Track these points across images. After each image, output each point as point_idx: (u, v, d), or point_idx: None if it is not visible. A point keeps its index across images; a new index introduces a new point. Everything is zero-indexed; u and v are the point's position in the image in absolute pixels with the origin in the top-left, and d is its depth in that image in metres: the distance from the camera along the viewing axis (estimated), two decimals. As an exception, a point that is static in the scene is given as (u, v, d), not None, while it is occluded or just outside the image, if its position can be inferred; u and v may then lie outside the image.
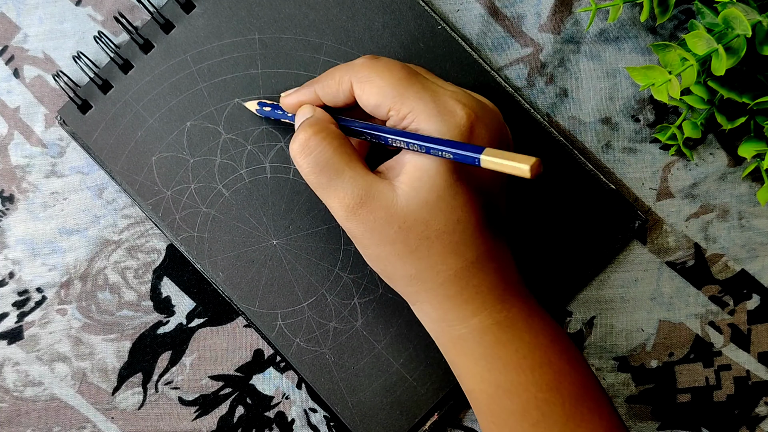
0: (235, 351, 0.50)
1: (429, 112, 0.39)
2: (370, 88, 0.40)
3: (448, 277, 0.40)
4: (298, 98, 0.44)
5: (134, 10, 0.50)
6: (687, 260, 0.50)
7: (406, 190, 0.39)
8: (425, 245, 0.39)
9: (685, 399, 0.50)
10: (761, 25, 0.41)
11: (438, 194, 0.39)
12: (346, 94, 0.42)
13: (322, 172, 0.40)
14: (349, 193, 0.40)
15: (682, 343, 0.50)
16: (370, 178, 0.40)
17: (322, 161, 0.40)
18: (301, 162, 0.40)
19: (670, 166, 0.50)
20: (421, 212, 0.39)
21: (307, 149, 0.40)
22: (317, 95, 0.43)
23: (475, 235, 0.40)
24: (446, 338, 0.42)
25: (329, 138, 0.40)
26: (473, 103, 0.40)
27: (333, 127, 0.41)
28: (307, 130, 0.41)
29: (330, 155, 0.40)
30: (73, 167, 0.50)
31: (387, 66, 0.41)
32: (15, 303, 0.50)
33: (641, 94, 0.50)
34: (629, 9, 0.50)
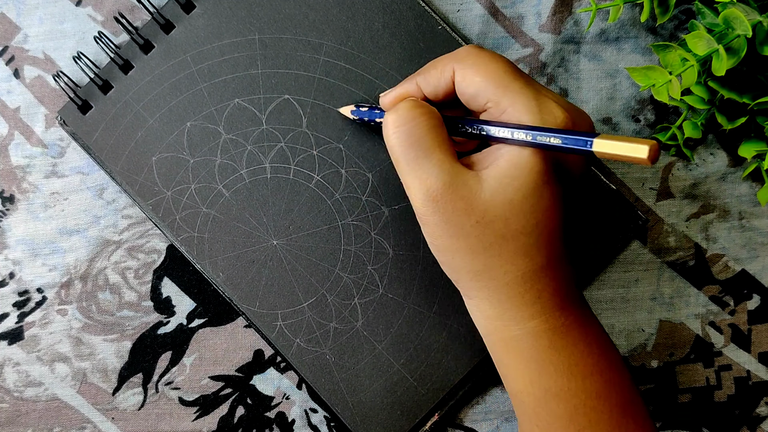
0: (235, 351, 0.50)
1: (530, 108, 0.38)
2: (473, 75, 0.39)
3: (514, 278, 0.39)
4: (398, 92, 0.43)
5: (134, 10, 0.50)
6: (687, 260, 0.50)
7: (493, 184, 0.38)
8: (499, 243, 0.39)
9: (686, 399, 0.50)
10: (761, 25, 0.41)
11: (524, 194, 0.38)
12: (447, 82, 0.40)
13: (411, 146, 0.39)
14: (434, 176, 0.38)
15: (682, 343, 0.50)
16: (458, 167, 0.39)
17: (415, 136, 0.39)
18: (393, 131, 0.40)
19: (670, 166, 0.50)
20: (503, 209, 0.38)
21: (402, 119, 0.39)
22: (418, 87, 0.42)
23: (549, 240, 0.39)
24: (498, 337, 0.41)
25: (427, 116, 0.40)
26: (571, 108, 0.39)
27: (434, 108, 0.41)
28: (407, 103, 0.40)
29: (424, 132, 0.39)
30: (74, 167, 0.50)
31: (492, 57, 0.40)
32: (15, 303, 0.50)
33: (641, 95, 0.50)
34: (629, 9, 0.50)
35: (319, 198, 0.49)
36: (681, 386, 0.50)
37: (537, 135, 0.37)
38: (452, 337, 0.48)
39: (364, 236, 0.48)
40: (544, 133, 0.37)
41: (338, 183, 0.49)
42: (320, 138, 0.49)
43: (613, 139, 0.35)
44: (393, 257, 0.48)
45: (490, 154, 0.40)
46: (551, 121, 0.38)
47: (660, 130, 0.49)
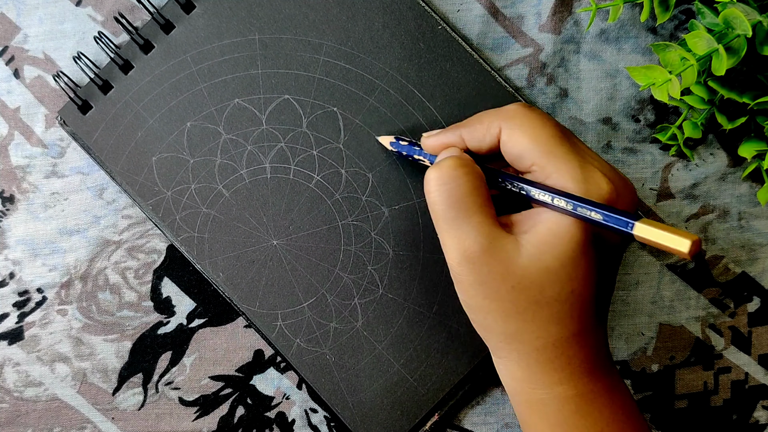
0: (235, 351, 0.50)
1: (575, 176, 0.38)
2: (519, 136, 0.39)
3: (545, 343, 0.39)
4: (441, 140, 0.43)
5: (134, 10, 0.50)
6: (687, 263, 0.50)
7: (531, 250, 0.38)
8: (533, 309, 0.38)
9: (683, 405, 0.50)
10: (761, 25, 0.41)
11: (562, 262, 0.38)
12: (492, 139, 0.40)
13: (452, 206, 0.39)
14: (472, 238, 0.38)
15: (683, 346, 0.50)
16: (497, 230, 0.38)
17: (456, 196, 0.39)
18: (434, 190, 0.39)
19: (670, 166, 0.50)
20: (539, 276, 0.38)
21: (445, 178, 0.39)
22: (462, 138, 0.42)
23: (583, 308, 0.39)
24: (524, 398, 0.41)
25: (470, 175, 0.39)
26: (617, 179, 0.39)
27: (478, 168, 0.40)
28: (451, 161, 0.40)
29: (466, 192, 0.39)
30: (74, 167, 0.50)
31: (540, 118, 0.39)
32: (15, 303, 0.50)
33: (641, 95, 0.50)
34: (629, 9, 0.50)
35: (319, 198, 0.49)
36: (678, 392, 0.50)
37: (578, 206, 0.37)
38: (452, 337, 0.48)
39: (364, 236, 0.48)
40: (586, 206, 0.37)
41: (338, 183, 0.49)
42: (320, 138, 0.49)
43: (655, 226, 0.35)
44: (393, 257, 0.48)
45: (530, 218, 0.39)
46: (595, 192, 0.38)
47: (660, 129, 0.49)
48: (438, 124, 0.48)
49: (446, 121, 0.49)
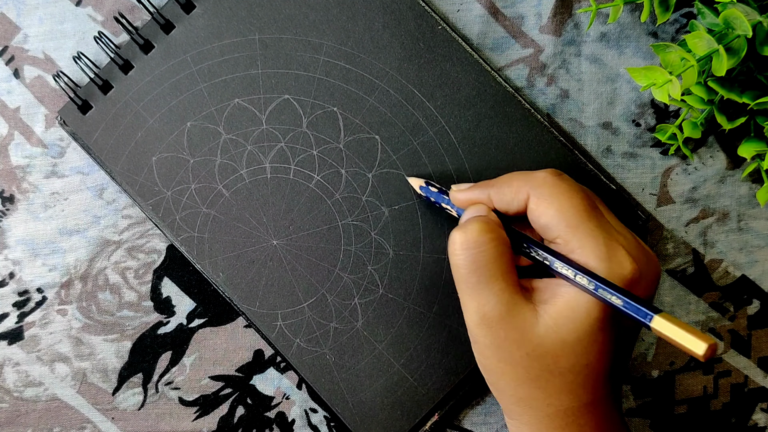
0: (235, 351, 0.50)
1: (599, 254, 0.38)
2: (546, 207, 0.39)
3: (557, 411, 0.39)
4: (470, 196, 0.43)
5: (134, 10, 0.50)
6: (687, 267, 0.50)
7: (548, 321, 0.38)
8: (546, 377, 0.39)
9: (683, 410, 0.50)
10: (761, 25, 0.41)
11: (578, 336, 0.38)
12: (520, 204, 0.41)
13: (475, 271, 0.39)
14: (492, 304, 0.39)
15: (682, 352, 0.50)
16: (518, 298, 0.39)
17: (481, 262, 0.39)
18: (459, 253, 0.40)
19: (669, 171, 0.50)
20: (555, 347, 0.38)
21: (470, 243, 0.39)
22: (490, 198, 0.42)
23: (597, 380, 0.39)
24: None
25: (496, 242, 0.40)
26: (641, 256, 0.39)
27: (503, 233, 0.40)
28: (477, 225, 0.40)
29: (491, 259, 0.39)
30: (74, 167, 0.50)
31: (569, 190, 0.40)
32: (15, 303, 0.50)
33: (642, 99, 0.50)
34: (630, 14, 0.50)
35: (319, 198, 0.49)
36: (678, 397, 0.50)
37: (599, 287, 0.37)
38: (452, 338, 0.48)
39: (364, 236, 0.48)
40: (607, 289, 0.37)
41: (338, 183, 0.49)
42: (320, 138, 0.49)
43: (673, 323, 0.35)
44: (393, 257, 0.48)
45: (550, 288, 0.40)
46: (618, 272, 0.38)
47: (659, 129, 0.49)
48: (438, 124, 0.48)
49: (446, 120, 0.49)
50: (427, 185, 0.47)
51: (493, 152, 0.49)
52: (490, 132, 0.49)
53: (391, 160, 0.49)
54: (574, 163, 0.49)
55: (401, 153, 0.49)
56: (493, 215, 0.42)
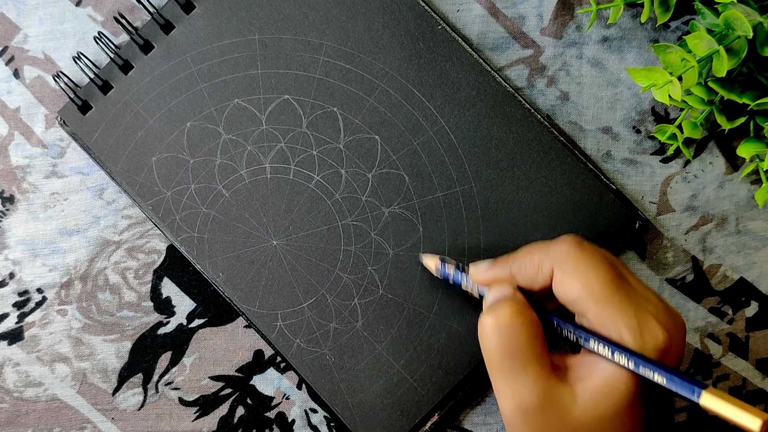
0: (235, 351, 0.50)
1: (631, 328, 0.37)
2: (572, 282, 0.39)
3: None
4: (491, 276, 0.42)
5: (134, 10, 0.50)
6: (686, 275, 0.50)
7: (586, 400, 0.38)
8: None
9: (682, 418, 0.50)
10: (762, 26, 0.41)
11: (616, 413, 0.37)
12: (545, 279, 0.40)
13: (508, 356, 0.38)
14: (528, 392, 0.38)
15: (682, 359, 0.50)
16: (554, 381, 0.38)
17: (514, 347, 0.38)
18: (490, 338, 0.39)
19: (669, 179, 0.50)
20: (593, 426, 0.38)
21: (502, 328, 0.38)
22: (512, 275, 0.41)
23: None
24: None
25: (527, 324, 0.39)
26: (669, 322, 0.38)
27: (534, 314, 0.39)
28: (507, 308, 0.39)
29: (523, 343, 0.38)
30: (74, 168, 0.50)
31: (593, 261, 0.39)
32: (15, 303, 0.50)
33: (642, 105, 0.50)
34: (632, 19, 0.50)
35: (319, 198, 0.49)
36: (678, 405, 0.50)
37: (641, 366, 0.37)
38: (452, 338, 0.48)
39: (363, 237, 0.48)
40: (649, 366, 0.37)
41: (338, 183, 0.49)
42: (320, 138, 0.49)
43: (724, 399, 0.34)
44: (393, 258, 0.48)
45: (585, 365, 0.39)
46: (651, 344, 0.37)
47: (659, 129, 0.49)
48: (438, 124, 0.48)
49: (446, 120, 0.49)
50: (442, 263, 0.46)
51: (492, 152, 0.49)
52: (490, 132, 0.49)
53: (390, 160, 0.49)
54: (574, 163, 0.49)
55: (401, 153, 0.49)
56: (519, 294, 0.41)
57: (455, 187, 0.49)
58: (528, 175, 0.49)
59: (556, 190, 0.49)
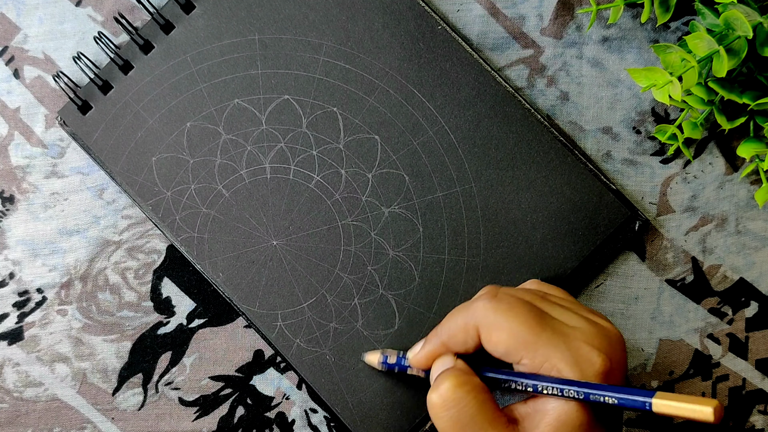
0: (235, 351, 0.50)
1: (566, 360, 0.38)
2: (498, 335, 0.39)
3: None
4: (427, 353, 0.42)
5: (134, 10, 0.50)
6: (686, 276, 0.50)
7: None
8: None
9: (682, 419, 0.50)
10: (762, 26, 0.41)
11: None
12: (475, 340, 0.40)
13: (462, 429, 0.38)
14: None
15: (681, 360, 0.50)
16: None
17: (465, 418, 0.38)
18: (441, 415, 0.39)
19: (669, 180, 0.50)
20: None
21: (449, 403, 0.39)
22: (446, 346, 0.41)
23: None
24: None
25: (473, 392, 0.39)
26: (605, 344, 0.39)
27: (476, 379, 0.40)
28: (449, 381, 0.39)
29: (474, 412, 0.38)
30: (74, 168, 0.50)
31: (512, 310, 0.39)
32: (15, 304, 0.50)
33: (642, 106, 0.50)
34: (632, 19, 0.50)
35: (319, 198, 0.49)
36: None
37: (590, 393, 0.37)
38: (452, 338, 0.48)
39: (363, 236, 0.48)
40: (599, 392, 0.37)
41: (338, 183, 0.49)
42: (320, 138, 0.49)
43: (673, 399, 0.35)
44: (393, 258, 0.48)
45: (537, 410, 0.39)
46: (590, 370, 0.38)
47: (659, 129, 0.49)
48: (437, 125, 0.48)
49: (446, 120, 0.49)
50: (384, 357, 0.46)
51: (492, 152, 0.49)
52: (490, 132, 0.49)
53: (391, 160, 0.49)
54: (574, 163, 0.49)
55: (401, 153, 0.49)
56: (461, 363, 0.41)
57: (455, 187, 0.49)
58: (528, 175, 0.49)
59: (556, 190, 0.49)
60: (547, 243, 0.49)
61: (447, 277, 0.48)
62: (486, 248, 0.49)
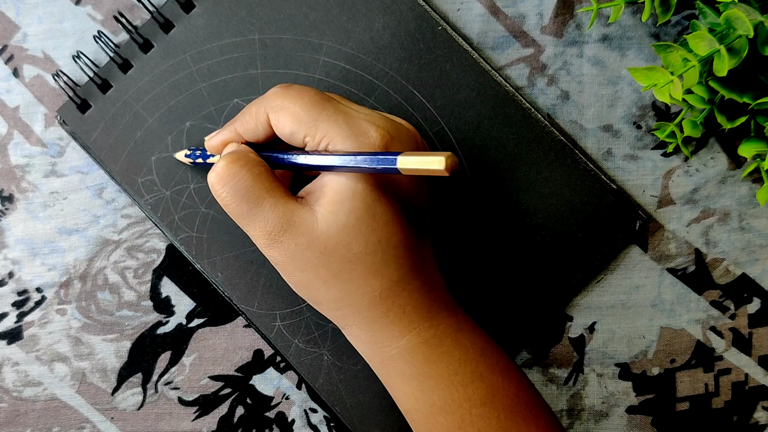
0: (235, 351, 0.50)
1: (343, 134, 0.39)
2: (284, 116, 0.40)
3: (372, 298, 0.40)
4: (220, 138, 0.43)
5: (134, 9, 0.50)
6: (688, 266, 0.50)
7: (325, 214, 0.39)
8: (347, 268, 0.39)
9: (684, 407, 0.50)
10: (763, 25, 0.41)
11: (357, 216, 0.39)
12: (264, 126, 0.41)
13: (242, 200, 0.40)
14: (270, 221, 0.39)
15: (683, 349, 0.50)
16: (291, 205, 0.39)
17: (242, 189, 0.40)
18: (219, 191, 0.40)
19: (671, 173, 0.50)
20: (341, 236, 0.39)
21: (225, 178, 0.40)
22: (237, 133, 0.42)
23: (397, 255, 0.40)
24: (378, 360, 0.42)
25: (248, 166, 0.40)
26: (387, 124, 0.40)
27: (253, 155, 0.41)
28: (225, 160, 0.40)
29: (250, 183, 0.40)
30: (73, 167, 0.50)
31: (299, 92, 0.40)
32: (14, 303, 0.50)
33: (643, 101, 0.50)
34: (632, 16, 0.49)
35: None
36: (679, 394, 0.50)
37: (345, 160, 0.38)
38: (452, 338, 0.48)
39: (363, 237, 0.48)
40: (351, 157, 0.37)
41: (338, 183, 0.48)
42: (320, 138, 0.49)
43: (413, 155, 0.35)
44: (392, 258, 0.48)
45: (317, 187, 0.40)
46: (366, 142, 0.39)
47: (658, 126, 0.49)
48: (437, 125, 0.48)
49: (446, 121, 0.48)
50: (192, 152, 0.47)
51: (493, 153, 0.49)
52: (490, 133, 0.49)
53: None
54: (574, 164, 0.48)
55: (401, 153, 0.49)
56: (243, 146, 0.42)
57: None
58: (528, 176, 0.49)
59: (556, 191, 0.49)
60: (547, 244, 0.48)
61: (446, 277, 0.48)
62: (486, 249, 0.48)
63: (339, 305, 0.41)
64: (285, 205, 0.39)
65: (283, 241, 0.39)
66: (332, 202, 0.39)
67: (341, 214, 0.39)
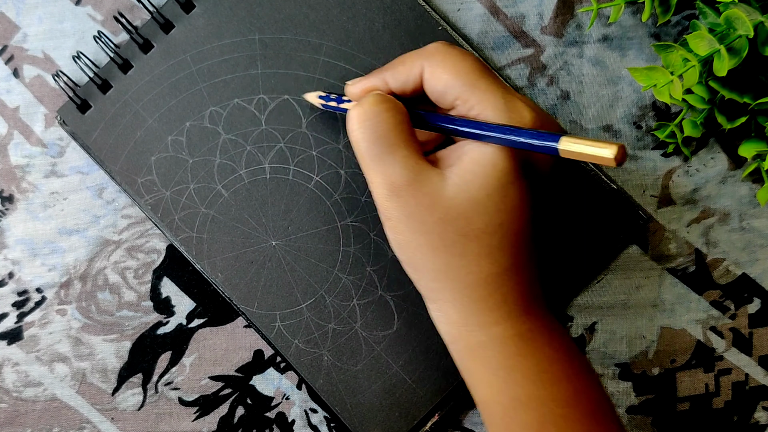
0: (235, 351, 0.50)
1: (498, 106, 0.38)
2: (441, 72, 0.39)
3: (477, 280, 0.38)
4: (365, 85, 0.42)
5: (134, 9, 0.50)
6: (688, 266, 0.50)
7: (456, 181, 0.38)
8: (461, 242, 0.38)
9: (685, 407, 0.50)
10: (763, 25, 0.41)
11: (488, 193, 0.37)
12: (416, 79, 0.40)
13: (376, 142, 0.38)
14: (398, 172, 0.38)
15: (684, 349, 0.50)
16: (423, 163, 0.38)
17: (380, 132, 0.38)
18: (356, 128, 0.39)
19: (671, 173, 0.50)
20: (466, 207, 0.37)
21: (367, 115, 0.39)
22: (386, 81, 0.41)
23: (514, 242, 0.38)
24: (463, 344, 0.40)
25: (393, 111, 0.39)
26: (540, 111, 0.39)
27: (399, 104, 0.40)
28: (371, 98, 0.39)
29: (389, 128, 0.39)
30: (73, 167, 0.50)
31: (461, 54, 0.39)
32: (14, 303, 0.50)
33: (643, 101, 0.50)
34: (632, 16, 0.49)
35: (319, 199, 0.48)
36: (680, 395, 0.50)
37: (503, 132, 0.37)
38: (452, 338, 0.48)
39: (363, 237, 0.48)
40: (510, 130, 0.36)
41: (337, 184, 0.48)
42: (320, 138, 0.49)
43: (580, 139, 0.34)
44: (392, 258, 0.48)
45: (455, 151, 0.39)
46: (518, 121, 0.38)
47: (658, 126, 0.49)
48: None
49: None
50: (327, 96, 0.46)
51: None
52: (490, 132, 0.48)
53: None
54: (575, 163, 0.48)
55: (401, 153, 0.48)
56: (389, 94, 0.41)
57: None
58: (528, 175, 0.48)
59: (556, 191, 0.48)
60: (547, 246, 0.48)
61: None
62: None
63: (440, 277, 0.39)
64: (417, 160, 0.38)
65: (404, 196, 0.38)
66: (468, 171, 0.38)
67: (474, 185, 0.37)
